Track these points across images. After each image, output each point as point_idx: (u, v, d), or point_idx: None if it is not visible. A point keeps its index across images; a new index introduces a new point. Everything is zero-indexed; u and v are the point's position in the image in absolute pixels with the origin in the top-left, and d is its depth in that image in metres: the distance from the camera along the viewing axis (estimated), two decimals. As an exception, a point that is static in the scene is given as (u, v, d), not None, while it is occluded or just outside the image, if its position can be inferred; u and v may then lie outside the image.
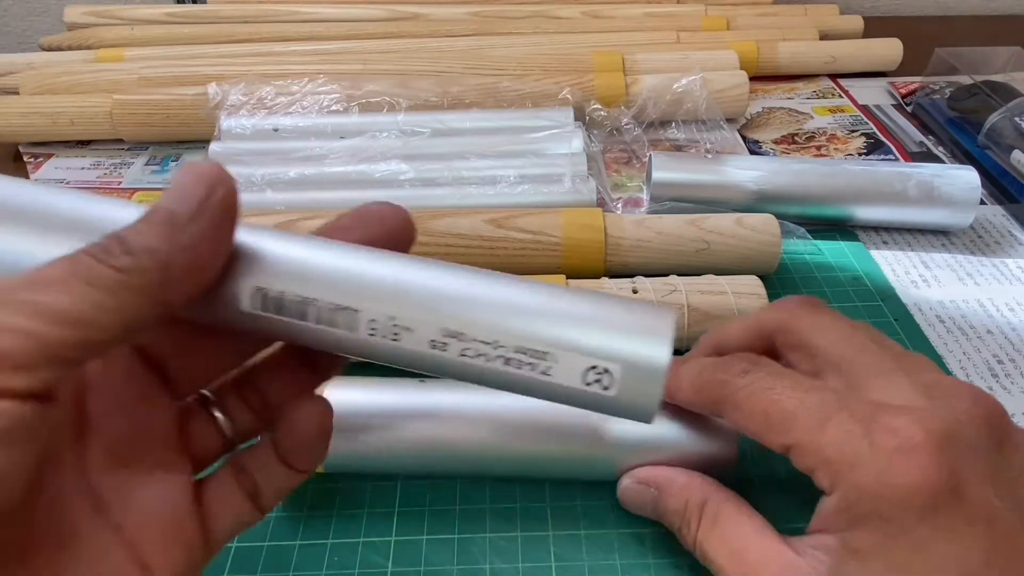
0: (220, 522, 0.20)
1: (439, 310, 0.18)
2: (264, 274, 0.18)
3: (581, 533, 0.29)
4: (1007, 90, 0.54)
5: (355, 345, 0.18)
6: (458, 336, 0.18)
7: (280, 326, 0.19)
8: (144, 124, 0.53)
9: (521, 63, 0.56)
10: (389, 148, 0.48)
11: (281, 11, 0.68)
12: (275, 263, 0.18)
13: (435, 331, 0.18)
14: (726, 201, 0.45)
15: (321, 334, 0.19)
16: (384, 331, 0.18)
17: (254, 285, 0.18)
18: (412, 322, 0.18)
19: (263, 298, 0.18)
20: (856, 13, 0.72)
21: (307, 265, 0.18)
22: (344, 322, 0.18)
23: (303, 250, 0.19)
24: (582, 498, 0.31)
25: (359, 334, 0.18)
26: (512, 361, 0.18)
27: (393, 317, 0.18)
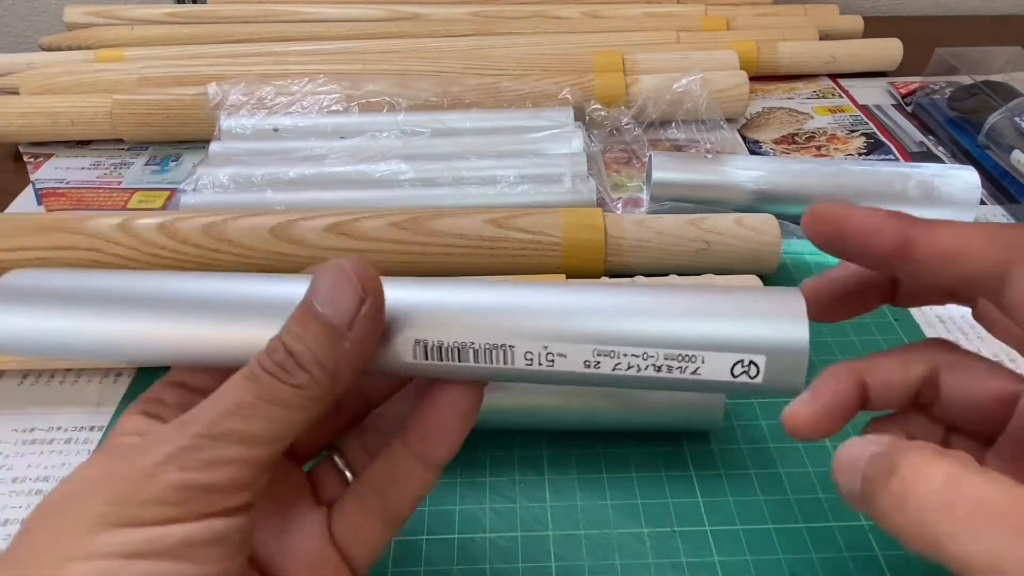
0: (357, 551, 0.22)
1: (589, 334, 0.20)
2: (422, 327, 0.20)
3: (581, 533, 0.29)
4: (1007, 90, 0.54)
5: (512, 374, 0.20)
6: (610, 354, 0.19)
7: (441, 369, 0.20)
8: (144, 124, 0.53)
9: (521, 63, 0.56)
10: (389, 148, 0.48)
11: (281, 11, 0.68)
12: (430, 315, 0.20)
13: (588, 353, 0.20)
14: (726, 201, 0.45)
15: (480, 371, 0.20)
16: (540, 359, 0.20)
17: (414, 338, 0.20)
18: (565, 349, 0.20)
19: (425, 349, 0.20)
20: (856, 13, 0.72)
21: (460, 312, 0.20)
22: (501, 357, 0.20)
23: (451, 295, 0.20)
24: (582, 498, 0.31)
25: (516, 365, 0.20)
26: (663, 367, 0.19)
27: (547, 347, 0.20)
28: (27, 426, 0.34)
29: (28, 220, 0.40)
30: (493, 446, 0.33)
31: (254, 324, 0.20)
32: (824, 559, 0.28)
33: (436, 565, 0.28)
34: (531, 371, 0.20)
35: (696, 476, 0.31)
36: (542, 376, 0.20)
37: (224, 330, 0.20)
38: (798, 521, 0.29)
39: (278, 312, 0.19)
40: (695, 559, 0.28)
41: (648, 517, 0.30)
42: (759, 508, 0.30)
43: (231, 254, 0.38)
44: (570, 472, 0.32)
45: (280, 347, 0.19)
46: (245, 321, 0.20)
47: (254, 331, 0.20)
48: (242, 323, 0.20)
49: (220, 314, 0.21)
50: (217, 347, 0.20)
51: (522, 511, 0.30)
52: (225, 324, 0.20)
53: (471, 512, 0.30)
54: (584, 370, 0.20)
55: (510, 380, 0.20)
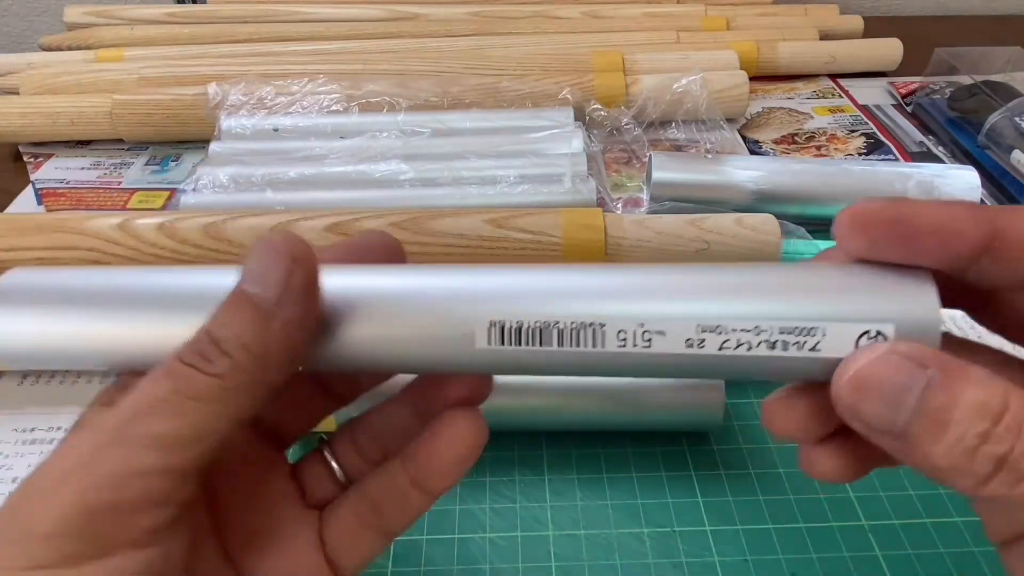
0: (347, 559, 0.21)
1: (690, 307, 0.17)
2: (498, 308, 0.18)
3: (581, 533, 0.29)
4: (1007, 90, 0.54)
5: (602, 360, 0.18)
6: (716, 330, 0.17)
7: (520, 357, 0.18)
8: (144, 124, 0.53)
9: (521, 63, 0.56)
10: (389, 148, 0.48)
11: (281, 11, 0.68)
12: (507, 295, 0.18)
13: (691, 329, 0.17)
14: (726, 201, 0.45)
15: (563, 357, 0.18)
16: (635, 339, 0.17)
17: (488, 320, 0.18)
18: (665, 326, 0.17)
19: (501, 332, 0.18)
20: (856, 13, 0.72)
21: (541, 291, 0.18)
22: (590, 338, 0.18)
23: (528, 277, 0.18)
24: (582, 498, 0.31)
25: (607, 347, 0.18)
26: (778, 343, 0.17)
27: (643, 324, 0.17)
28: (27, 426, 0.34)
29: (28, 220, 0.40)
30: (493, 446, 0.32)
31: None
32: (824, 559, 0.28)
33: (436, 565, 0.28)
34: (624, 354, 0.17)
35: (696, 476, 0.31)
36: (636, 362, 0.17)
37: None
38: (798, 521, 0.29)
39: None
40: (695, 559, 0.28)
41: (648, 517, 0.30)
42: (759, 508, 0.30)
43: (231, 254, 0.38)
44: (570, 472, 0.32)
45: (204, 336, 0.16)
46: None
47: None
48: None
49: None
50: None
51: (522, 511, 0.30)
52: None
53: (471, 512, 0.30)
54: (686, 350, 0.17)
55: (596, 371, 0.18)
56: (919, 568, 0.28)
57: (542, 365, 0.18)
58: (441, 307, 0.18)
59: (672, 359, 0.17)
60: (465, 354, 0.18)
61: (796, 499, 0.30)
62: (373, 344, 0.18)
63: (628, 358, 0.18)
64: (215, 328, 0.16)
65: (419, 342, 0.18)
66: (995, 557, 0.18)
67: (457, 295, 0.18)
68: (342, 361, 0.18)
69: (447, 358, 0.18)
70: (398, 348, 0.18)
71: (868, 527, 0.29)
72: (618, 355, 0.18)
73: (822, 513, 0.30)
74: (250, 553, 0.19)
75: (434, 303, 0.18)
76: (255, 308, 0.16)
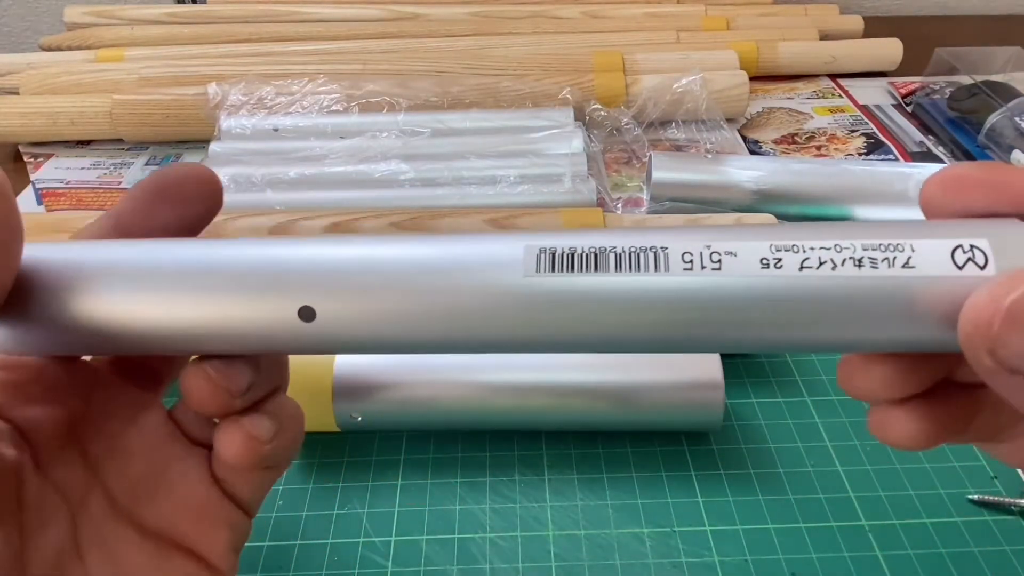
0: (246, 492, 0.20)
1: (761, 232, 0.16)
2: (543, 235, 0.16)
3: (581, 533, 0.29)
4: (1007, 90, 0.54)
5: (666, 291, 0.15)
6: (793, 249, 0.15)
7: (576, 286, 0.16)
8: (144, 124, 0.53)
9: (521, 63, 0.56)
10: (389, 148, 0.48)
11: (281, 11, 0.68)
12: (556, 228, 0.17)
13: (764, 248, 0.15)
14: (726, 201, 0.45)
15: (621, 286, 0.15)
16: (702, 261, 0.15)
17: (538, 247, 0.16)
18: (735, 246, 0.15)
19: (552, 258, 0.16)
20: (856, 13, 0.72)
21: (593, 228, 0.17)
22: (652, 262, 0.16)
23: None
24: (582, 498, 0.31)
25: (671, 272, 0.15)
26: (865, 261, 0.15)
27: (710, 246, 0.16)
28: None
29: (28, 220, 0.40)
30: (493, 446, 0.33)
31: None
32: (824, 559, 0.28)
33: (436, 565, 0.28)
34: (690, 280, 0.15)
35: (696, 476, 0.31)
36: (704, 289, 0.15)
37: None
38: (798, 521, 0.29)
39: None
40: (695, 559, 0.28)
41: (648, 517, 0.30)
42: (759, 508, 0.30)
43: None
44: (570, 472, 0.32)
45: None
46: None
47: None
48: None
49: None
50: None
51: (522, 511, 0.30)
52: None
53: (471, 512, 0.30)
54: (760, 272, 0.15)
55: (656, 308, 0.16)
56: (919, 568, 0.28)
57: (595, 298, 0.16)
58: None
59: (745, 285, 0.15)
60: (523, 286, 0.16)
61: (796, 499, 0.30)
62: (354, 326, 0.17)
63: (695, 285, 0.15)
64: None
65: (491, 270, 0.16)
66: (995, 557, 0.18)
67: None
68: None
69: (508, 289, 0.16)
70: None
71: (868, 527, 0.29)
72: (683, 283, 0.15)
73: (822, 513, 0.30)
74: (142, 500, 0.19)
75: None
76: None
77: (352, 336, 0.17)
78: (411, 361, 0.32)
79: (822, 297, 0.15)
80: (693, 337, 0.16)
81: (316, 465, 0.32)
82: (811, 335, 0.16)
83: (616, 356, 0.32)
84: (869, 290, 0.15)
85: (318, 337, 0.17)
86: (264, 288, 0.16)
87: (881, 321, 0.15)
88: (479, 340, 0.16)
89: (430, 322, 0.16)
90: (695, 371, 0.31)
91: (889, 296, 0.15)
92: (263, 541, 0.29)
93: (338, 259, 0.17)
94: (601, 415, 0.31)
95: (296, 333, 0.17)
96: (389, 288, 0.16)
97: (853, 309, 0.15)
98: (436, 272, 0.16)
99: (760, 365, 0.36)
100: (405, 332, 0.16)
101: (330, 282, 0.16)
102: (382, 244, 0.17)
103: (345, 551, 0.29)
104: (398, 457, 0.32)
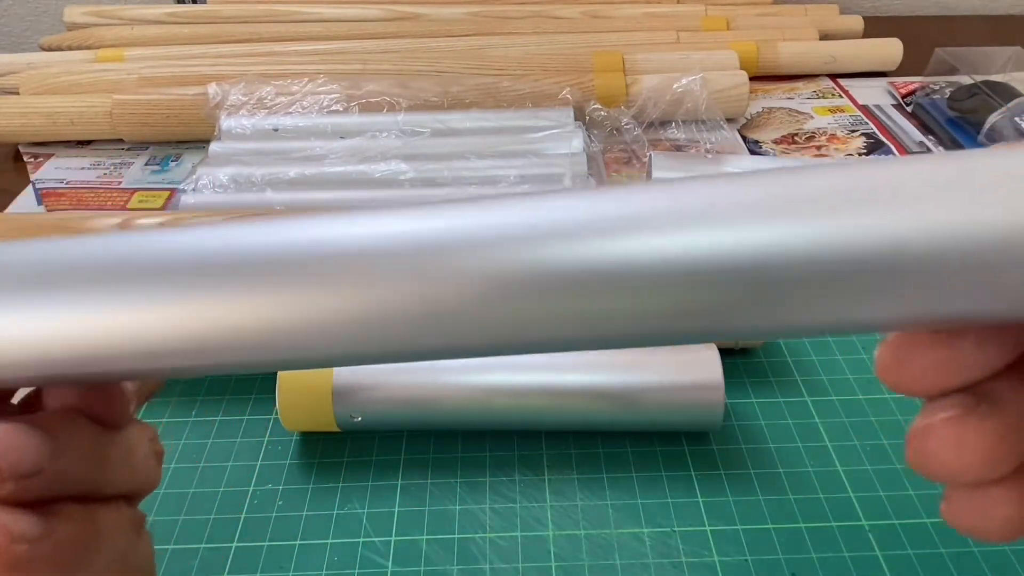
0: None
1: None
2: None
3: (581, 533, 0.29)
4: (1007, 90, 0.54)
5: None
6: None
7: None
8: (144, 124, 0.53)
9: (521, 63, 0.56)
10: (389, 148, 0.48)
11: (281, 11, 0.68)
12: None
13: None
14: (726, 201, 0.45)
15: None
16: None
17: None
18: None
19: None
20: (856, 13, 0.72)
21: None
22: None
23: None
24: (582, 498, 0.31)
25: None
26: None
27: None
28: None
29: (28, 220, 0.40)
30: (493, 446, 0.33)
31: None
32: (824, 559, 0.28)
33: (436, 565, 0.28)
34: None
35: (696, 476, 0.31)
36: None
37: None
38: (798, 521, 0.29)
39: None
40: (695, 559, 0.28)
41: (648, 517, 0.30)
42: (759, 508, 0.30)
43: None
44: (570, 472, 0.32)
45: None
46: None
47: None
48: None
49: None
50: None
51: (522, 511, 0.30)
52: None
53: (471, 512, 0.30)
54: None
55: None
56: (919, 568, 0.28)
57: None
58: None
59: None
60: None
61: (796, 499, 0.30)
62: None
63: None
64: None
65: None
66: (995, 557, 0.18)
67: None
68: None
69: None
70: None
71: (868, 527, 0.29)
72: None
73: (822, 513, 0.30)
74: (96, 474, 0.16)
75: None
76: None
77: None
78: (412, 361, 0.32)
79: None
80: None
81: (316, 465, 0.32)
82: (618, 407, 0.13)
83: (615, 356, 0.32)
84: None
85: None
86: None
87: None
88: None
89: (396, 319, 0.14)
90: (695, 371, 0.31)
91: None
92: (263, 541, 0.29)
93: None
94: (601, 415, 0.31)
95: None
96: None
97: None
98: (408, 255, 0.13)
99: (760, 365, 0.36)
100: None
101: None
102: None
103: (345, 551, 0.29)
104: (398, 457, 0.32)
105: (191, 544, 0.29)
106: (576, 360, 0.32)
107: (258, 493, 0.31)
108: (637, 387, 0.31)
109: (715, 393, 0.31)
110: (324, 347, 0.14)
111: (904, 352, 0.13)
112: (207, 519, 0.30)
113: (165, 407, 0.35)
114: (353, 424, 0.32)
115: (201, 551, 0.29)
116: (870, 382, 0.35)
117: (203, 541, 0.29)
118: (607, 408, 0.31)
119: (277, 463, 0.32)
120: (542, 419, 0.32)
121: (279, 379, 0.31)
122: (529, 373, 0.31)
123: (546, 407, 0.31)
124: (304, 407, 0.32)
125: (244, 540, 0.29)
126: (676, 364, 0.31)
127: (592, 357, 0.32)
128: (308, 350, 0.14)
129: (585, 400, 0.31)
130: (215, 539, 0.29)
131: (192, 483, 0.31)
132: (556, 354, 0.32)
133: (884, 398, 0.34)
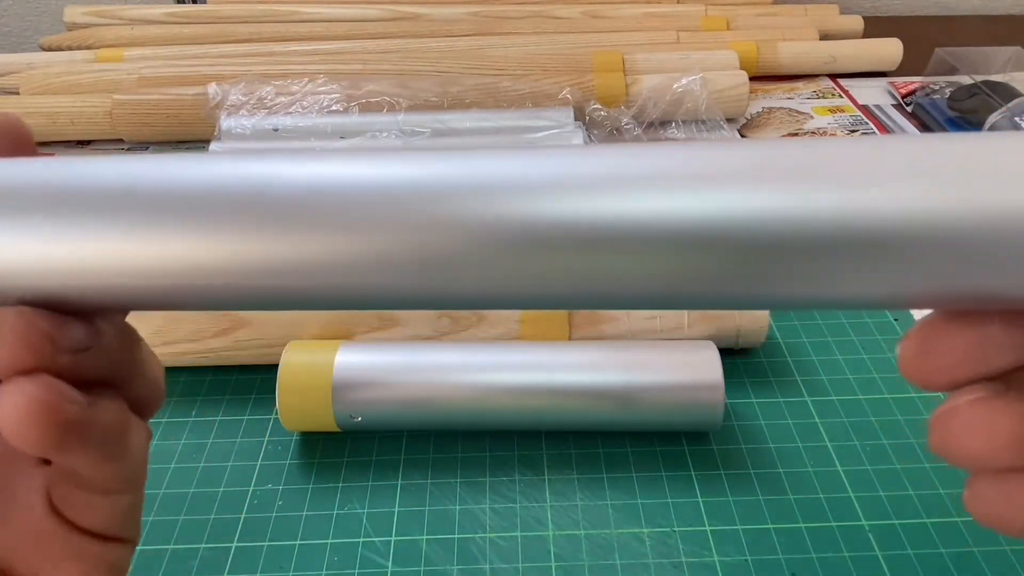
0: (84, 514, 0.16)
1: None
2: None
3: (581, 533, 0.29)
4: (1007, 90, 0.54)
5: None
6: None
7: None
8: (144, 124, 0.53)
9: (521, 63, 0.56)
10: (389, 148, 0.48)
11: (281, 11, 0.68)
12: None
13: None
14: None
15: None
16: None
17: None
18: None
19: None
20: (856, 13, 0.72)
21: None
22: None
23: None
24: (582, 498, 0.31)
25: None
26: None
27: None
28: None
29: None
30: (493, 446, 0.33)
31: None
32: (824, 559, 0.28)
33: (436, 565, 0.28)
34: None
35: (696, 476, 0.31)
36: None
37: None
38: (798, 521, 0.29)
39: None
40: (695, 559, 0.28)
41: (648, 517, 0.30)
42: (759, 508, 0.30)
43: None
44: (570, 472, 0.32)
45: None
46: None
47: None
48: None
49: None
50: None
51: (522, 511, 0.30)
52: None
53: (471, 512, 0.30)
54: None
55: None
56: (919, 568, 0.28)
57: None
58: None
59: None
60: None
61: (796, 499, 0.30)
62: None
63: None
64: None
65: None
66: (995, 557, 0.18)
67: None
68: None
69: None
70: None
71: (868, 527, 0.29)
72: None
73: (822, 513, 0.30)
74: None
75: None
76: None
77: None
78: (411, 361, 0.32)
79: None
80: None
81: (316, 465, 0.32)
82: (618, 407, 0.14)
83: (615, 356, 0.32)
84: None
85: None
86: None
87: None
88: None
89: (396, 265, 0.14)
90: (695, 371, 0.31)
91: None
92: (263, 541, 0.29)
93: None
94: (601, 415, 0.31)
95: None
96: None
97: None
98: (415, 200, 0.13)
99: (760, 365, 0.36)
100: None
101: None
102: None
103: (345, 551, 0.29)
104: (398, 457, 0.32)
105: (191, 544, 0.29)
106: (576, 360, 0.32)
107: (258, 493, 0.31)
108: (637, 387, 0.31)
109: (715, 393, 0.31)
110: (313, 284, 0.14)
111: (929, 341, 0.13)
112: (207, 519, 0.30)
113: (165, 407, 0.35)
114: (353, 424, 0.32)
115: (201, 551, 0.29)
116: (870, 382, 0.35)
117: (203, 541, 0.29)
118: (607, 408, 0.31)
119: (277, 463, 0.32)
120: (542, 419, 0.32)
121: (279, 379, 0.31)
122: (529, 373, 0.31)
123: (546, 407, 0.31)
124: (304, 407, 0.32)
125: (244, 540, 0.29)
126: (676, 364, 0.31)
127: (592, 357, 0.32)
128: (296, 290, 0.14)
129: (585, 400, 0.31)
130: (215, 539, 0.29)
131: (192, 483, 0.31)
132: (556, 354, 0.32)
133: (884, 398, 0.34)
